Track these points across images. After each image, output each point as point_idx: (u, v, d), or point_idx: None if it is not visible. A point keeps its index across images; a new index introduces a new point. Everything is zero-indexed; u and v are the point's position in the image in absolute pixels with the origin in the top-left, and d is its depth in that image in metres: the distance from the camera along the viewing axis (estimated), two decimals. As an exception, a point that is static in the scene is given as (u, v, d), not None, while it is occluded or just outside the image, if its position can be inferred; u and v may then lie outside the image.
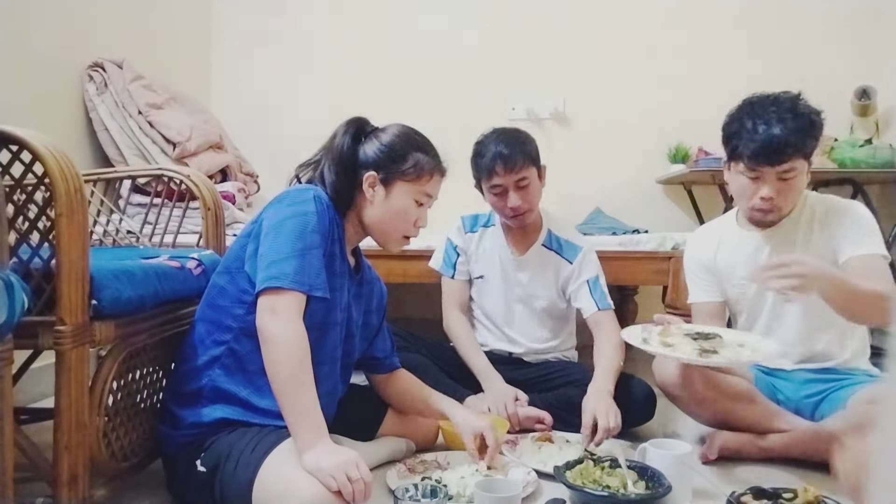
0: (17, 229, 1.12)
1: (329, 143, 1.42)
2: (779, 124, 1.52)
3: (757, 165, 1.55)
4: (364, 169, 1.37)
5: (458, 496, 1.31)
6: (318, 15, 3.31)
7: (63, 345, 1.09)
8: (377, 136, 1.41)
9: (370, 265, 1.57)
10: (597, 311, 1.91)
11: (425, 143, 1.44)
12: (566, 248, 1.97)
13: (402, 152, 1.38)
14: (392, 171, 1.37)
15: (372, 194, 1.38)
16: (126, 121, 2.40)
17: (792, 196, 1.60)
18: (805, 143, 1.53)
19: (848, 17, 2.98)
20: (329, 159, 1.40)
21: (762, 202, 1.59)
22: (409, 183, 1.38)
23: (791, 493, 1.27)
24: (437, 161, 1.43)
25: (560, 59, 3.18)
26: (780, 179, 1.56)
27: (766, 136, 1.52)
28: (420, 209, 1.41)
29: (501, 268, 2.00)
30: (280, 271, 1.20)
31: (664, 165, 3.01)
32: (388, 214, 1.39)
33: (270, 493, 1.14)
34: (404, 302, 3.06)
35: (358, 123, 1.43)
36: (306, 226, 1.25)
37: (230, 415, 1.27)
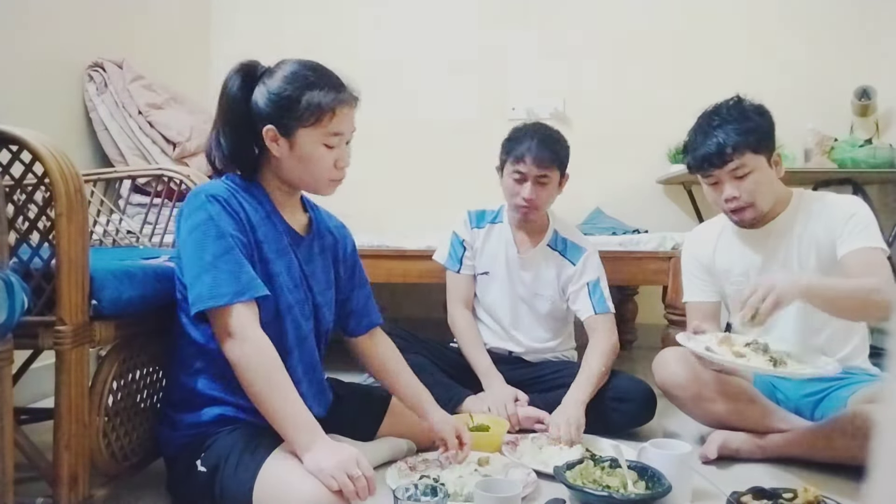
0: (17, 229, 1.12)
1: (220, 99, 1.27)
2: (717, 130, 1.61)
3: (706, 171, 1.63)
4: (260, 123, 1.24)
5: (455, 495, 1.31)
6: (317, 15, 3.31)
7: (63, 345, 1.09)
8: (265, 82, 1.26)
9: (330, 214, 1.49)
10: (592, 315, 1.92)
11: (319, 78, 1.26)
12: (570, 249, 1.99)
13: (294, 97, 1.22)
14: (288, 120, 1.23)
15: (277, 149, 1.25)
16: (126, 121, 2.40)
17: (757, 190, 1.61)
18: (744, 139, 1.58)
19: (848, 17, 2.98)
20: (222, 120, 1.26)
21: (728, 203, 1.63)
22: (310, 128, 1.23)
23: (791, 493, 1.27)
24: (336, 93, 1.26)
25: (560, 59, 3.18)
26: (735, 178, 1.61)
27: (706, 144, 1.61)
28: (335, 151, 1.27)
29: (507, 265, 2.01)
30: (198, 292, 1.16)
31: (664, 165, 3.01)
32: (301, 166, 1.26)
33: (271, 493, 1.13)
34: (404, 302, 3.06)
35: (246, 69, 1.28)
36: (206, 236, 1.18)
37: (227, 412, 1.26)
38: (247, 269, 1.19)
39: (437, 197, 3.13)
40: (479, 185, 2.62)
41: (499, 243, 2.02)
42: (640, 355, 2.98)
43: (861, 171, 2.62)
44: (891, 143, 2.70)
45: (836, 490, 1.30)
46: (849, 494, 1.28)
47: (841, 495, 1.26)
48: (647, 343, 2.98)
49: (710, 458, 1.59)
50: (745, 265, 1.73)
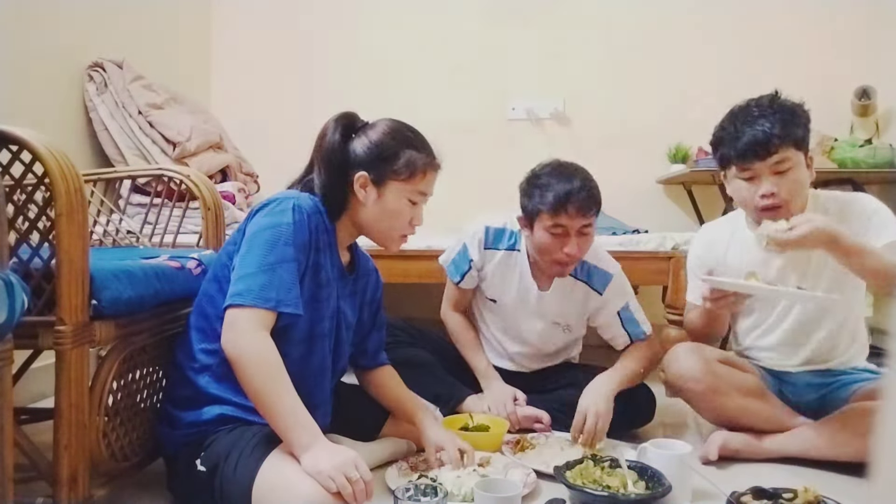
0: (17, 229, 1.12)
1: (318, 142, 1.37)
2: (759, 119, 1.53)
3: (747, 163, 1.54)
4: (354, 169, 1.32)
5: (454, 495, 1.31)
6: (317, 15, 3.31)
7: (63, 345, 1.09)
8: (366, 132, 1.35)
9: (367, 256, 1.55)
10: (630, 344, 1.86)
11: (417, 139, 1.38)
12: (596, 277, 1.82)
13: (393, 150, 1.33)
14: (383, 170, 1.32)
15: (364, 195, 1.33)
16: (126, 121, 2.40)
17: (795, 189, 1.55)
18: (790, 131, 1.51)
19: (848, 17, 2.98)
20: (319, 160, 1.35)
21: (764, 200, 1.54)
22: (402, 182, 1.33)
23: (791, 493, 1.27)
24: (430, 157, 1.37)
25: (560, 59, 3.18)
26: (775, 173, 1.53)
27: (749, 133, 1.53)
28: (415, 208, 1.37)
29: (520, 298, 1.87)
30: (246, 287, 1.18)
31: (664, 165, 3.01)
32: (382, 216, 1.34)
33: (270, 493, 1.13)
34: (404, 302, 3.06)
35: (347, 119, 1.37)
36: (279, 238, 1.21)
37: (228, 411, 1.27)
38: (297, 285, 1.23)
39: (437, 197, 3.12)
40: (480, 185, 2.63)
41: (513, 275, 1.86)
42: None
43: (861, 171, 2.62)
44: (891, 143, 2.70)
45: (836, 490, 1.30)
46: (849, 494, 1.28)
47: (841, 495, 1.26)
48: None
49: (710, 459, 1.59)
50: (755, 265, 1.68)
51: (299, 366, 1.28)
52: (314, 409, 1.32)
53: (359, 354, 1.58)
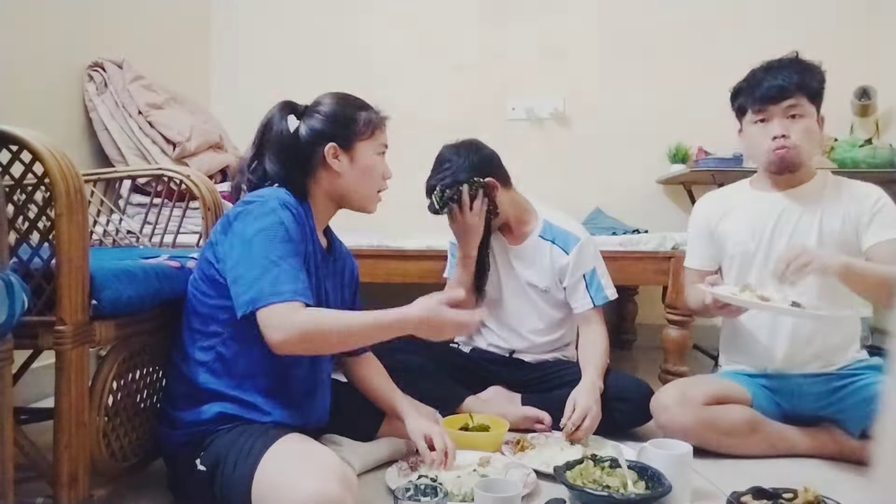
0: (17, 229, 1.12)
1: (262, 135, 1.39)
2: (779, 70, 1.66)
3: (763, 106, 1.65)
4: (315, 145, 1.36)
5: (452, 495, 1.31)
6: (317, 15, 3.32)
7: (63, 345, 1.09)
8: (314, 111, 1.39)
9: (339, 239, 1.56)
10: (590, 309, 1.90)
11: (362, 101, 1.44)
12: (561, 239, 1.94)
13: (350, 115, 1.39)
14: (348, 135, 1.38)
15: (339, 164, 1.37)
16: (126, 121, 2.40)
17: (806, 137, 1.64)
18: (806, 82, 1.64)
19: (848, 17, 2.98)
20: (271, 150, 1.38)
21: (776, 141, 1.63)
22: (367, 141, 1.39)
23: (791, 493, 1.27)
24: (378, 112, 1.44)
25: (560, 59, 3.18)
26: (788, 117, 1.63)
27: (769, 80, 1.65)
28: (383, 161, 1.44)
29: (500, 258, 2.00)
30: (258, 290, 1.18)
31: (664, 165, 3.01)
32: (360, 177, 1.39)
33: (269, 490, 1.13)
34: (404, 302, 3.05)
35: (289, 107, 1.41)
36: (275, 237, 1.22)
37: (227, 409, 1.27)
38: (304, 275, 1.24)
39: (437, 197, 3.13)
40: (479, 185, 2.62)
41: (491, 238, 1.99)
42: (640, 355, 2.98)
43: (861, 171, 2.62)
44: (891, 143, 2.70)
45: (837, 490, 1.30)
46: (849, 494, 1.28)
47: (841, 495, 1.26)
48: (647, 343, 2.98)
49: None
50: (756, 222, 1.73)
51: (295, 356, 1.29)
52: (313, 393, 1.36)
53: None
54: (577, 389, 1.72)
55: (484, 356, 2.04)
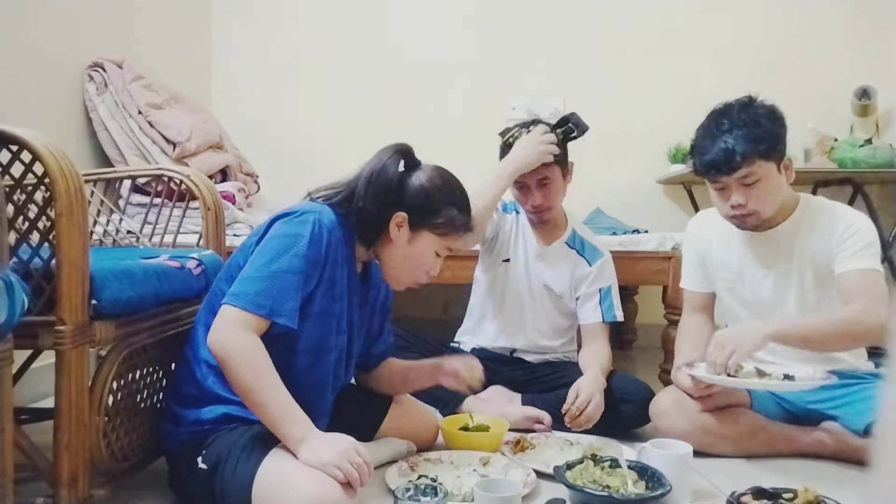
0: (17, 229, 1.12)
1: (374, 166, 1.34)
2: (726, 134, 1.54)
3: (713, 178, 1.58)
4: (397, 207, 1.32)
5: (452, 495, 1.31)
6: (317, 15, 3.31)
7: (63, 345, 1.09)
8: (418, 174, 1.35)
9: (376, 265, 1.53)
10: (598, 323, 1.92)
11: (462, 199, 1.39)
12: (588, 250, 1.98)
13: (439, 202, 1.34)
14: (424, 218, 1.33)
15: (397, 234, 1.33)
16: (126, 121, 2.39)
17: (764, 199, 1.58)
18: (754, 147, 1.52)
19: (848, 17, 2.98)
20: (370, 184, 1.32)
21: (733, 209, 1.60)
22: (436, 235, 1.35)
23: (791, 493, 1.27)
24: (468, 220, 1.39)
25: (560, 59, 3.18)
26: (743, 185, 1.56)
27: (714, 149, 1.55)
28: (437, 260, 1.39)
29: (525, 255, 2.00)
30: (243, 289, 1.19)
31: (664, 165, 3.01)
32: (406, 259, 1.36)
33: (270, 491, 1.14)
34: (404, 302, 3.06)
35: (407, 154, 1.37)
36: (290, 248, 1.21)
37: (232, 411, 1.27)
38: (296, 298, 1.22)
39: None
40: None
41: (520, 233, 2.02)
42: (640, 355, 2.98)
43: (861, 171, 2.62)
44: (891, 143, 2.70)
45: (837, 490, 1.30)
46: (849, 494, 1.28)
47: (841, 495, 1.26)
48: (647, 343, 2.98)
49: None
50: (740, 265, 1.73)
51: (304, 376, 1.29)
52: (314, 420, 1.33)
53: (364, 359, 1.59)
54: (580, 380, 1.73)
55: (485, 355, 2.04)
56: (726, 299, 1.79)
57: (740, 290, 1.74)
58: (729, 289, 1.76)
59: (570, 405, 1.66)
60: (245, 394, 1.18)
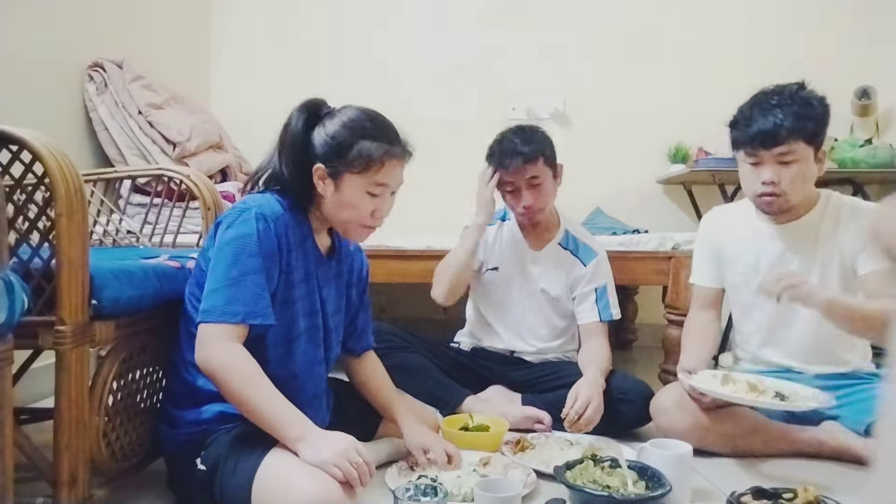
0: (17, 229, 1.12)
1: (283, 131, 1.32)
2: (775, 108, 1.55)
3: (754, 150, 1.58)
4: (314, 161, 1.29)
5: (451, 495, 1.31)
6: (317, 15, 3.31)
7: (63, 345, 1.09)
8: (326, 122, 1.31)
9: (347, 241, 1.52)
10: (596, 322, 1.92)
11: (375, 129, 1.30)
12: (582, 250, 1.97)
13: (347, 143, 1.27)
14: (338, 163, 1.28)
15: (322, 188, 1.29)
16: (126, 121, 2.40)
17: (798, 183, 1.58)
18: (801, 125, 1.54)
19: (848, 17, 2.98)
20: (281, 149, 1.32)
21: (764, 186, 1.59)
22: (357, 175, 1.28)
23: (791, 493, 1.27)
24: (389, 146, 1.30)
25: (560, 59, 3.18)
26: (780, 163, 1.57)
27: (761, 121, 1.56)
28: (377, 199, 1.31)
29: (516, 261, 2.00)
30: (213, 304, 1.18)
31: (664, 165, 3.02)
32: (340, 208, 1.31)
33: (269, 491, 1.13)
34: (404, 302, 3.06)
35: (312, 107, 1.33)
36: (243, 250, 1.20)
37: (228, 409, 1.26)
38: (265, 295, 1.22)
39: (438, 197, 3.13)
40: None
41: (508, 240, 2.01)
42: (640, 355, 2.98)
43: (861, 171, 2.63)
44: (891, 143, 2.71)
45: (837, 490, 1.30)
46: (849, 494, 1.28)
47: (841, 495, 1.26)
48: (647, 343, 2.99)
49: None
50: (758, 257, 1.72)
51: (282, 368, 1.29)
52: (308, 404, 1.33)
53: (347, 335, 1.55)
54: (579, 382, 1.73)
55: (484, 355, 2.05)
56: (740, 293, 1.77)
57: (756, 283, 1.70)
58: (744, 282, 1.74)
59: (568, 409, 1.65)
60: (239, 405, 1.18)
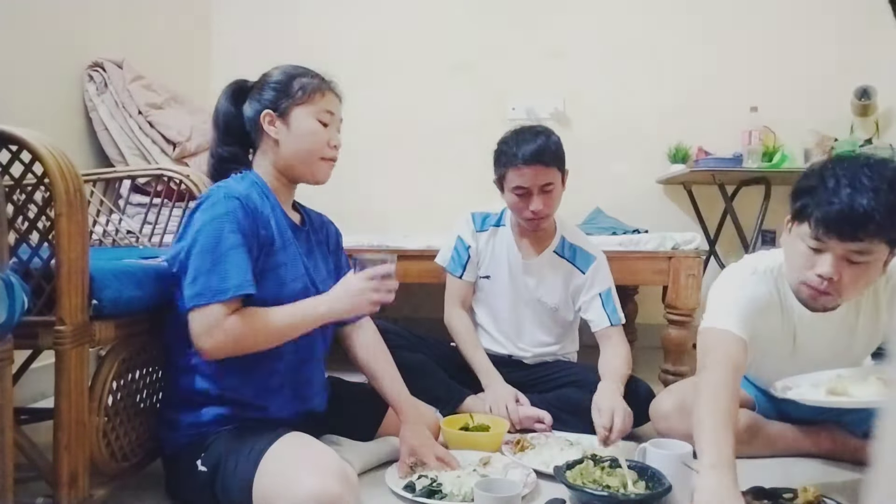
0: (17, 229, 1.12)
1: (213, 118, 1.42)
2: (868, 192, 1.23)
3: (826, 236, 1.27)
4: (257, 115, 1.37)
5: (451, 495, 1.31)
6: (317, 15, 3.32)
7: (63, 345, 1.09)
8: (256, 85, 1.42)
9: (315, 211, 1.55)
10: (608, 326, 1.89)
11: (304, 69, 1.44)
12: (579, 257, 1.93)
13: (286, 81, 1.38)
14: (284, 100, 1.36)
15: (275, 131, 1.36)
16: (126, 121, 2.40)
17: (858, 284, 1.32)
18: (894, 224, 1.23)
19: (848, 17, 2.98)
20: (218, 134, 1.40)
21: (818, 280, 1.31)
22: (303, 105, 1.37)
23: (791, 493, 1.27)
24: (322, 79, 1.43)
25: (560, 59, 3.18)
26: (847, 260, 1.28)
27: (848, 202, 1.23)
28: (328, 129, 1.39)
29: (509, 270, 1.96)
30: (202, 287, 1.19)
31: (664, 165, 3.01)
32: (297, 141, 1.36)
33: (270, 490, 1.14)
34: (404, 302, 3.05)
35: (235, 84, 1.43)
36: (220, 231, 1.22)
37: (226, 411, 1.27)
38: (247, 268, 1.22)
39: (438, 197, 3.14)
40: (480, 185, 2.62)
41: (501, 248, 1.98)
42: (640, 355, 2.98)
43: (861, 171, 2.62)
44: (891, 143, 2.71)
45: (836, 490, 1.30)
46: (849, 494, 1.28)
47: (841, 495, 1.26)
48: (647, 343, 2.98)
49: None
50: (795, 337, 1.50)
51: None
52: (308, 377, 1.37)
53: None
54: (596, 397, 1.67)
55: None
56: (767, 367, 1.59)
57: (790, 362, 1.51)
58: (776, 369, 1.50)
59: (600, 429, 1.59)
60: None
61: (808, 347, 1.49)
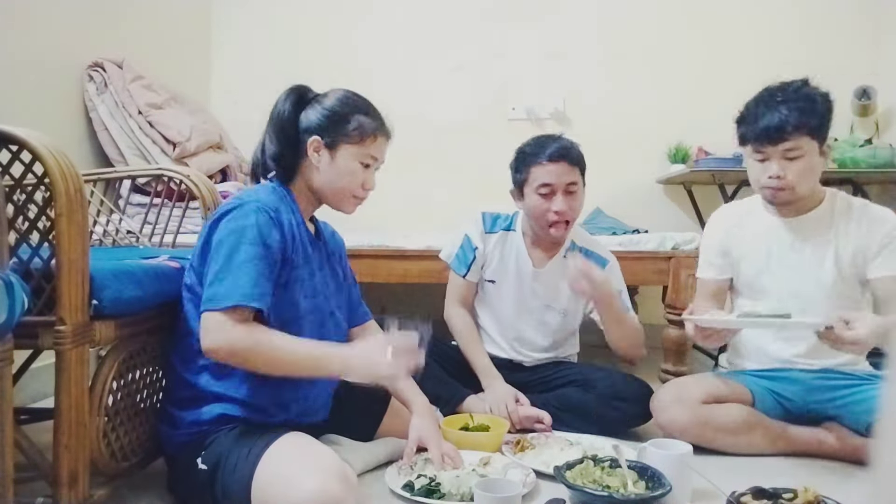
0: (17, 229, 1.12)
1: (272, 114, 1.42)
2: (781, 105, 1.59)
3: (761, 146, 1.62)
4: (307, 134, 1.37)
5: (450, 494, 1.31)
6: (318, 15, 3.32)
7: (63, 345, 1.09)
8: (319, 101, 1.41)
9: (324, 223, 1.56)
10: None
11: (367, 106, 1.43)
12: (592, 260, 1.88)
13: (344, 115, 1.38)
14: (336, 134, 1.37)
15: (318, 159, 1.37)
16: (126, 121, 2.40)
17: (805, 175, 1.62)
18: (806, 120, 1.57)
19: (848, 16, 2.98)
20: (271, 129, 1.40)
21: (770, 180, 1.62)
22: (353, 145, 1.38)
23: (791, 493, 1.27)
24: (379, 122, 1.42)
25: (560, 59, 3.18)
26: (785, 158, 1.60)
27: (766, 118, 1.59)
28: (367, 171, 1.41)
29: (518, 277, 1.94)
30: (215, 292, 1.20)
31: (664, 165, 3.01)
32: (335, 177, 1.38)
33: (269, 489, 1.14)
34: (404, 302, 3.06)
35: (299, 91, 1.43)
36: (242, 241, 1.23)
37: (229, 410, 1.27)
38: (262, 283, 1.23)
39: (438, 197, 3.13)
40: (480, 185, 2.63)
41: (510, 254, 1.95)
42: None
43: (861, 171, 2.62)
44: (891, 143, 2.70)
45: (837, 490, 1.30)
46: (849, 494, 1.28)
47: (841, 495, 1.26)
48: (647, 343, 2.97)
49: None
50: (768, 249, 1.73)
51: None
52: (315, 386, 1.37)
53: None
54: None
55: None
56: (752, 288, 1.77)
57: (766, 277, 1.73)
58: (756, 276, 1.75)
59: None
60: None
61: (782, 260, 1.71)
